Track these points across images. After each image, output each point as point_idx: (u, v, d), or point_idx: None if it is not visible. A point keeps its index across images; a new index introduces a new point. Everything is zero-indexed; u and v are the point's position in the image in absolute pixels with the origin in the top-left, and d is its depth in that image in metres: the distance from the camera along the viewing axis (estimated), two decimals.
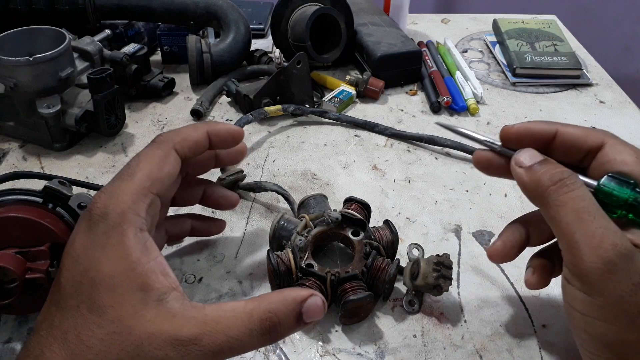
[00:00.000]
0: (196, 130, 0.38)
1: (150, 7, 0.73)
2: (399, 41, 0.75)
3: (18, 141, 0.63)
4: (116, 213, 0.31)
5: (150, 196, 0.33)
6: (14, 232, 0.37)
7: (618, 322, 0.29)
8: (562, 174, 0.32)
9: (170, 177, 0.36)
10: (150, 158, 0.35)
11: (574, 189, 0.31)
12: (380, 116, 0.70)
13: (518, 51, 0.79)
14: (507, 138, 0.36)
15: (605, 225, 0.30)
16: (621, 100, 0.74)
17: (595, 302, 0.29)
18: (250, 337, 0.30)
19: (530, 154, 0.34)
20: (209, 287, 0.45)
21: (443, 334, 0.42)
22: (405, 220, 0.53)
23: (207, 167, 0.43)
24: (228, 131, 0.40)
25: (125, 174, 0.34)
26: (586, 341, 0.31)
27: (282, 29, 0.76)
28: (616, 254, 0.28)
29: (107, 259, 0.30)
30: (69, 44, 0.59)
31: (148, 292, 0.30)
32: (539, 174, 0.33)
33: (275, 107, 0.65)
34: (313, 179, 0.58)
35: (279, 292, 0.32)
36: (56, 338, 0.29)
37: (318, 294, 0.32)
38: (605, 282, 0.29)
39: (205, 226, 0.48)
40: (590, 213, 0.30)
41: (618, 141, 0.35)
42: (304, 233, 0.45)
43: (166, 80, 0.71)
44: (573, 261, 0.30)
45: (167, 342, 0.29)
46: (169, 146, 0.36)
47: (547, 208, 0.32)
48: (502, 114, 0.71)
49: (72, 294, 0.30)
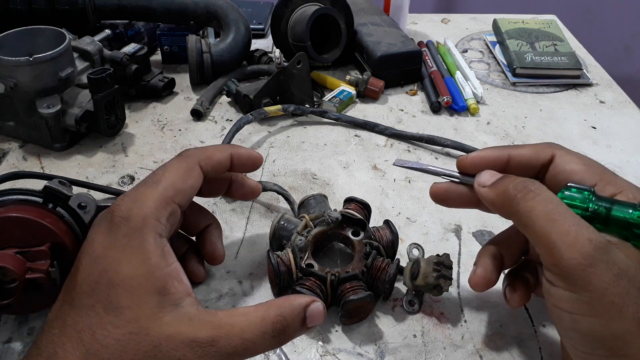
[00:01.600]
0: (221, 151, 0.40)
1: (150, 7, 0.73)
2: (399, 41, 0.75)
3: (18, 141, 0.63)
4: (139, 217, 0.33)
5: (173, 205, 0.35)
6: (14, 232, 0.37)
7: (606, 315, 0.29)
8: (525, 182, 0.33)
9: (193, 191, 0.37)
10: (175, 169, 0.36)
11: (539, 193, 0.32)
12: (380, 116, 0.70)
13: (518, 51, 0.79)
14: (463, 167, 0.39)
15: (577, 222, 0.31)
16: (621, 100, 0.74)
17: (581, 299, 0.29)
18: (263, 340, 0.32)
19: (490, 174, 0.36)
20: (209, 287, 0.45)
21: (443, 334, 0.42)
22: (405, 220, 0.53)
23: (219, 193, 0.44)
24: (249, 156, 0.42)
25: (150, 181, 0.35)
26: (577, 341, 0.31)
27: (282, 29, 0.76)
28: (593, 247, 0.29)
29: (127, 261, 0.31)
30: (69, 44, 0.59)
31: (165, 296, 0.31)
32: (503, 187, 0.34)
33: (275, 107, 0.65)
34: (313, 179, 0.58)
35: (286, 298, 0.34)
36: (70, 337, 0.30)
37: (319, 300, 0.34)
38: (587, 276, 0.29)
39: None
40: (560, 213, 0.31)
41: (565, 151, 0.37)
42: (304, 233, 0.45)
43: (166, 80, 0.71)
44: (553, 261, 0.30)
45: (185, 343, 0.30)
46: (194, 161, 0.38)
47: (518, 217, 0.33)
48: (502, 114, 0.71)
49: (88, 292, 0.31)
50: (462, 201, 0.39)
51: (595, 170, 0.35)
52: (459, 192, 0.39)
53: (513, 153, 0.37)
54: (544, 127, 0.68)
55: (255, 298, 0.45)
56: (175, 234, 0.45)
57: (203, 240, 0.45)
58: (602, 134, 0.67)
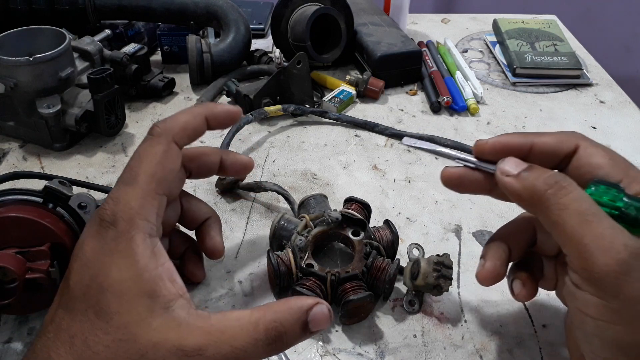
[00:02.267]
0: (194, 116, 0.36)
1: (150, 7, 0.73)
2: (399, 41, 0.75)
3: (18, 141, 0.63)
4: (124, 220, 0.31)
5: (157, 197, 0.33)
6: (14, 232, 0.37)
7: (634, 324, 0.28)
8: (556, 177, 0.31)
9: (174, 173, 0.35)
10: (151, 156, 0.34)
11: (572, 190, 0.30)
12: (380, 116, 0.70)
13: (518, 51, 0.79)
14: (482, 153, 0.35)
15: (612, 225, 0.29)
16: (621, 100, 0.74)
17: (610, 306, 0.28)
18: (256, 347, 0.30)
19: (514, 162, 0.33)
20: (209, 287, 0.45)
21: (443, 334, 0.42)
22: (406, 220, 0.53)
23: (210, 172, 0.42)
24: (227, 112, 0.38)
25: (128, 177, 0.33)
26: (598, 347, 0.30)
27: (282, 29, 0.76)
28: (629, 254, 0.28)
29: (116, 265, 0.30)
30: (69, 44, 0.59)
31: (155, 299, 0.30)
32: (531, 179, 0.31)
33: (275, 107, 0.65)
34: (313, 179, 0.58)
35: (284, 301, 0.31)
36: (63, 342, 0.29)
37: (324, 302, 0.31)
38: (620, 284, 0.28)
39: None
40: (595, 214, 0.29)
41: (590, 143, 0.34)
42: (304, 233, 0.45)
43: (166, 80, 0.71)
44: (584, 266, 0.29)
45: (172, 352, 0.29)
46: (168, 139, 0.35)
47: (547, 213, 0.30)
48: (502, 113, 0.71)
49: (80, 297, 0.30)
50: (475, 187, 0.36)
51: (621, 165, 0.33)
52: (474, 178, 0.36)
53: (536, 141, 0.34)
54: (544, 127, 0.68)
55: (255, 298, 0.45)
56: (175, 233, 0.44)
57: (202, 234, 0.43)
58: (602, 134, 0.67)
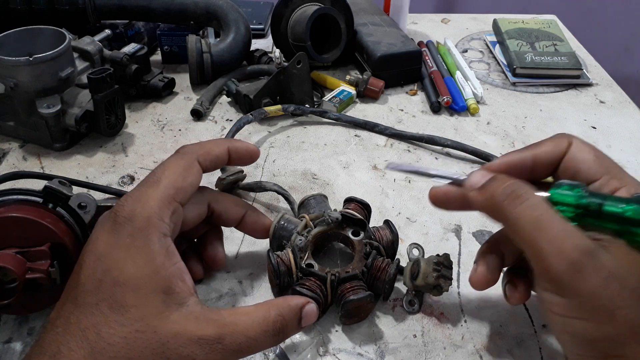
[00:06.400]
0: (218, 145, 0.40)
1: (150, 7, 0.73)
2: (399, 41, 0.75)
3: (18, 141, 0.63)
4: (142, 217, 0.33)
5: (175, 204, 0.35)
6: (14, 232, 0.37)
7: (597, 318, 0.29)
8: (513, 186, 0.33)
9: (193, 188, 0.37)
10: (175, 167, 0.37)
11: (527, 198, 0.32)
12: (380, 116, 0.70)
13: (518, 51, 0.79)
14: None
15: (563, 228, 0.30)
16: (621, 100, 0.74)
17: (571, 303, 0.30)
18: (265, 338, 0.33)
19: (480, 175, 0.35)
20: (209, 287, 0.45)
21: (443, 334, 0.42)
22: (405, 220, 0.53)
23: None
24: (247, 150, 0.42)
25: (151, 181, 0.36)
26: (570, 343, 0.31)
27: (282, 29, 0.76)
28: (579, 253, 0.29)
29: (132, 261, 0.32)
30: (69, 44, 0.59)
31: (170, 295, 0.32)
32: (491, 191, 0.33)
33: (275, 107, 0.65)
34: (313, 179, 0.58)
35: (284, 299, 0.36)
36: (74, 335, 0.30)
37: (312, 302, 0.37)
38: (575, 282, 0.29)
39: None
40: (547, 219, 0.31)
41: (579, 142, 0.37)
42: (304, 233, 0.45)
43: (166, 80, 0.71)
44: (542, 269, 0.31)
45: (193, 340, 0.31)
46: (193, 158, 0.38)
47: (506, 223, 0.33)
48: (502, 114, 0.71)
49: (92, 291, 0.31)
50: (462, 204, 0.37)
51: (604, 162, 0.35)
52: (459, 195, 0.37)
53: (537, 153, 0.37)
54: (544, 127, 0.68)
55: (255, 298, 0.45)
56: None
57: (204, 244, 0.45)
58: (602, 134, 0.67)
